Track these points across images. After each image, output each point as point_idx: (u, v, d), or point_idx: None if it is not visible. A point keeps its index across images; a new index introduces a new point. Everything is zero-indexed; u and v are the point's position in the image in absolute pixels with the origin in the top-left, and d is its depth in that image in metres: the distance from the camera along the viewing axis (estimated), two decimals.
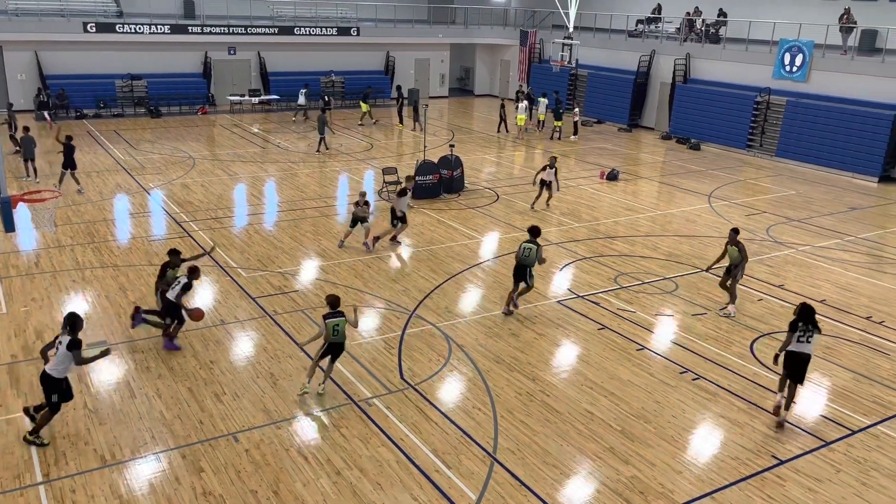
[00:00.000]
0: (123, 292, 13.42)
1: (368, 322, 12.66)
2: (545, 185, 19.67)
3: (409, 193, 16.72)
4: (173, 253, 11.77)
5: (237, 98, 34.00)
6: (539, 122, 31.96)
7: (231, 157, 24.93)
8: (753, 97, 28.71)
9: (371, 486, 8.36)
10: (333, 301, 10.05)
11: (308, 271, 14.96)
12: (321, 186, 21.63)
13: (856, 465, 9.08)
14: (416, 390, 10.42)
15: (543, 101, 31.80)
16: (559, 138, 30.58)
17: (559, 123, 30.63)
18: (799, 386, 9.88)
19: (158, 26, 31.89)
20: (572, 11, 32.12)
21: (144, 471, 8.49)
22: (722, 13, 32.25)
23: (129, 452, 8.80)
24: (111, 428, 9.28)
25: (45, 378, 8.72)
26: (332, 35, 35.88)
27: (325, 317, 9.95)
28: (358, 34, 36.47)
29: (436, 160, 21.21)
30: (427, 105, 25.73)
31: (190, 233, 16.87)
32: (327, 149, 26.38)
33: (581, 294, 14.19)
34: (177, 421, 9.48)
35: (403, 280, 14.64)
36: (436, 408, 9.97)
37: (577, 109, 31.41)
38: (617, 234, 17.99)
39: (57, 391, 8.74)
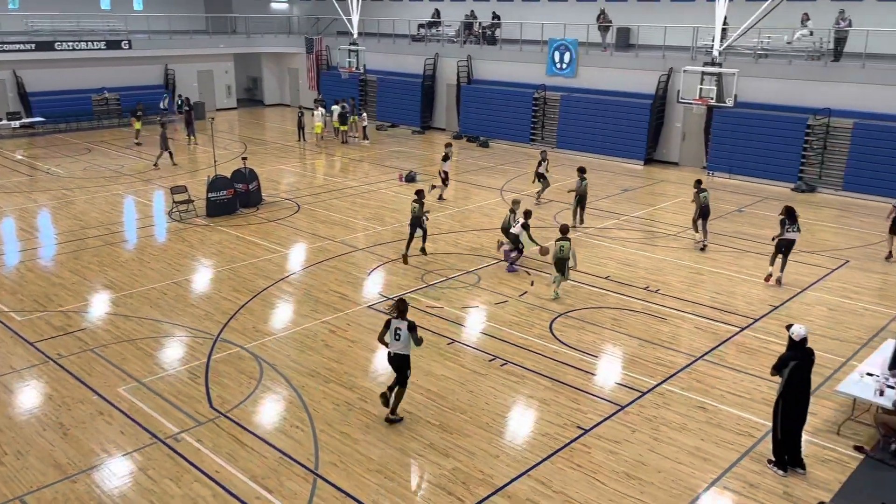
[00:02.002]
0: None
1: (170, 353, 11.90)
2: (542, 178, 21.37)
3: (451, 157, 22.14)
4: (419, 193, 16.49)
5: None
6: (335, 129, 31.98)
7: None
8: (531, 94, 30.67)
9: None
10: (563, 229, 14.32)
11: (96, 306, 13.74)
12: (103, 213, 19.95)
13: (648, 423, 10.01)
14: (227, 418, 9.94)
15: (336, 108, 31.80)
16: (346, 142, 31.03)
17: (345, 128, 31.18)
18: (787, 259, 15.19)
19: None
20: (355, 18, 32.37)
21: None
22: (496, 16, 34.11)
23: None
24: None
25: (399, 358, 9.72)
26: (100, 49, 33.25)
27: (557, 240, 14.05)
28: (130, 47, 34.12)
29: (229, 175, 20.42)
30: (213, 118, 24.66)
31: None
32: (174, 164, 25.52)
33: (391, 296, 14.33)
34: None
35: (204, 303, 13.92)
36: (251, 433, 9.59)
37: (364, 115, 31.75)
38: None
39: (409, 367, 9.81)
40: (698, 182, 17.65)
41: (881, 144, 22.25)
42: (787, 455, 8.85)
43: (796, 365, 8.59)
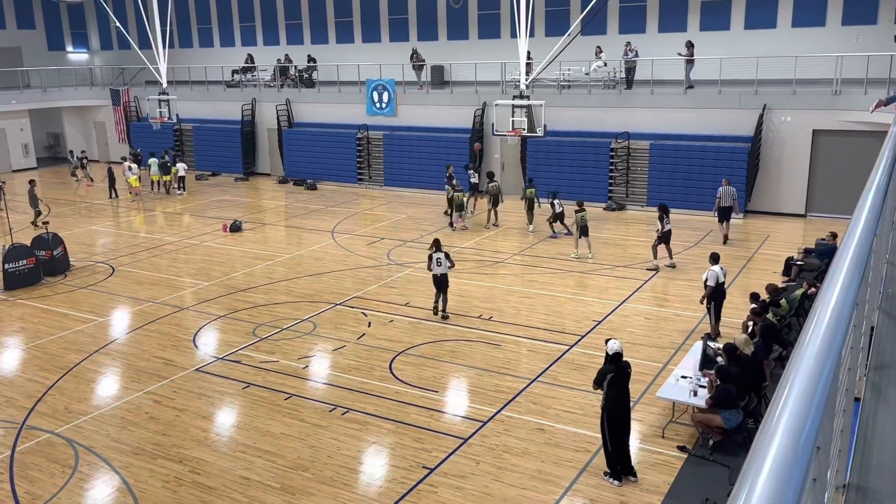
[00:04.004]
0: None
1: None
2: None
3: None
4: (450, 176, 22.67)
5: None
6: (153, 182, 30.38)
7: None
8: (354, 134, 30.78)
9: None
10: (579, 203, 19.15)
11: None
12: None
13: (491, 453, 10.12)
14: None
15: (154, 160, 30.21)
16: (168, 192, 29.89)
17: (168, 178, 29.96)
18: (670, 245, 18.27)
19: None
20: (162, 67, 31.01)
21: None
22: (311, 59, 34.06)
23: None
24: None
25: (444, 276, 14.84)
26: None
27: (576, 212, 18.88)
28: None
29: (29, 242, 18.63)
30: (3, 182, 22.55)
31: None
32: (35, 225, 23.55)
33: (220, 356, 13.61)
34: None
35: (5, 388, 12.47)
36: None
37: (179, 165, 30.37)
38: (251, 286, 17.70)
39: (448, 282, 14.98)
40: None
41: (675, 161, 24.46)
42: (619, 465, 9.28)
43: (613, 377, 9.09)
